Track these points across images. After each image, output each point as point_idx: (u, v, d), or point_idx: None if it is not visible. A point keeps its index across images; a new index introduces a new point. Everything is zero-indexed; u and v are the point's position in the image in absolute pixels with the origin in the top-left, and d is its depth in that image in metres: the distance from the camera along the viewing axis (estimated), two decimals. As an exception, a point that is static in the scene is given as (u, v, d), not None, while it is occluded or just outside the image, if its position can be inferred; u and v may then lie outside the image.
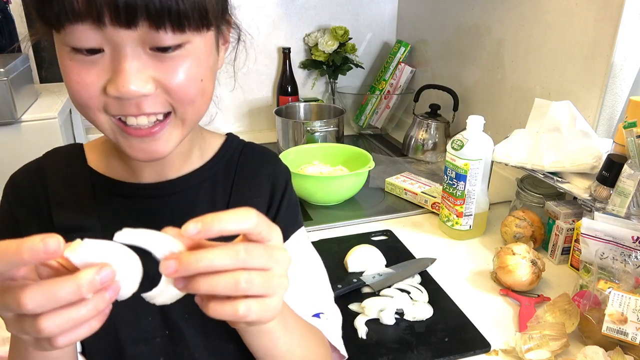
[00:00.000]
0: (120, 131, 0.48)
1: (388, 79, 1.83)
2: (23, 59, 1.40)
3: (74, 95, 0.46)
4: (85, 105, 0.46)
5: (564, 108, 1.03)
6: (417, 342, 0.76)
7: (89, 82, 0.45)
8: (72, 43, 0.43)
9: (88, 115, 0.48)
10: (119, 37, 0.43)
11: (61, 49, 0.45)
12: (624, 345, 0.70)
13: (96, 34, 0.42)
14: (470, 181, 1.01)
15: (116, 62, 0.44)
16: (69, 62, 0.45)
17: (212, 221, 0.35)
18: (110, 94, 0.44)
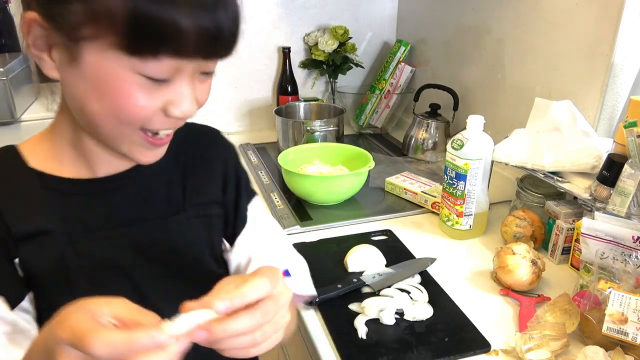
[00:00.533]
0: (142, 141, 0.51)
1: (388, 79, 1.83)
2: (22, 59, 1.40)
3: (123, 113, 0.48)
4: (132, 123, 0.49)
5: (564, 108, 1.03)
6: (417, 342, 0.76)
7: (149, 105, 0.48)
8: (151, 73, 0.46)
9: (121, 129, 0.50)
10: (188, 67, 0.48)
11: (128, 74, 0.46)
12: (625, 345, 0.70)
13: (173, 64, 0.46)
14: (470, 181, 1.01)
15: (178, 87, 0.48)
16: (134, 86, 0.47)
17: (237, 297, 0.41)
18: (174, 115, 0.49)
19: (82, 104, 0.49)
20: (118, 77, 0.46)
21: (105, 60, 0.45)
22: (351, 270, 0.93)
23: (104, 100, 0.47)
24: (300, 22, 1.81)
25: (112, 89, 0.47)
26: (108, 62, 0.45)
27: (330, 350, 0.76)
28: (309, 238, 1.07)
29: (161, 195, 0.59)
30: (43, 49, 0.48)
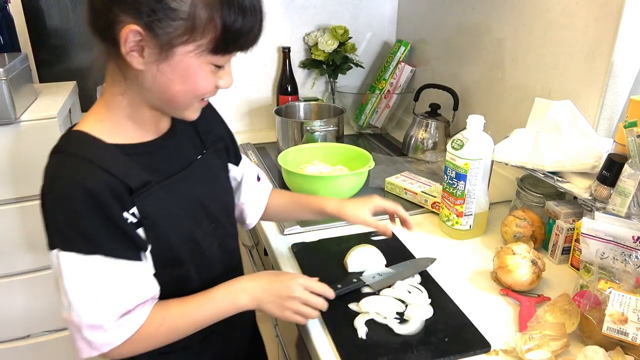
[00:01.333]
0: (197, 106, 0.73)
1: (388, 79, 1.83)
2: (22, 59, 1.40)
3: (199, 92, 0.68)
4: (201, 96, 0.70)
5: (564, 108, 1.03)
6: (417, 342, 0.76)
7: (212, 83, 0.69)
8: (219, 63, 0.67)
9: (190, 100, 0.70)
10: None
11: (201, 65, 0.66)
12: (625, 346, 0.70)
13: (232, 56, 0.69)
14: (471, 181, 1.01)
15: (227, 69, 0.70)
16: (209, 72, 0.67)
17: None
18: (223, 87, 0.71)
19: (167, 87, 0.66)
20: (199, 67, 0.66)
21: (192, 57, 0.64)
22: (351, 270, 0.93)
23: (187, 84, 0.66)
24: (300, 22, 1.81)
25: (194, 76, 0.66)
26: (194, 58, 0.65)
27: (330, 350, 0.76)
28: (309, 238, 1.07)
29: (190, 144, 0.80)
30: (136, 49, 0.63)
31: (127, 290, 0.67)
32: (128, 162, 0.68)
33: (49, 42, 1.72)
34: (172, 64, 0.64)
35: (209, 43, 0.64)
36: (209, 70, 0.67)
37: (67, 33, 1.73)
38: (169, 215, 0.72)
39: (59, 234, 0.65)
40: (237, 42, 0.65)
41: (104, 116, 0.70)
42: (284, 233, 1.10)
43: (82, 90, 1.74)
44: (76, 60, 1.77)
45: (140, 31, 0.61)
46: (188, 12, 0.61)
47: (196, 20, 0.61)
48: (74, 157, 0.66)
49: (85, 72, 1.79)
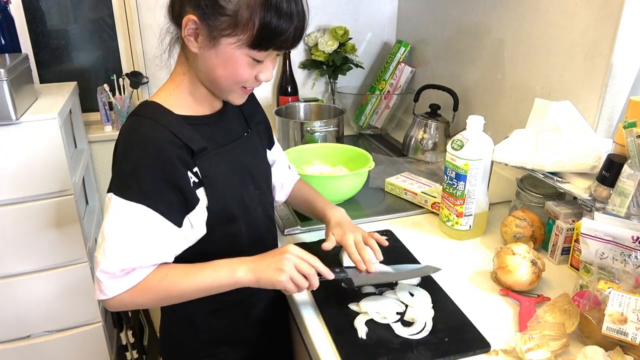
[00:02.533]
0: (239, 92, 0.83)
1: (388, 79, 1.83)
2: (23, 59, 1.40)
3: (239, 80, 0.79)
4: (238, 83, 0.80)
5: (564, 108, 1.03)
6: (417, 342, 0.76)
7: (251, 74, 0.79)
8: (257, 57, 0.77)
9: (230, 86, 0.81)
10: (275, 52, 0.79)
11: (239, 56, 0.76)
12: (624, 345, 0.70)
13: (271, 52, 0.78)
14: (470, 181, 1.01)
15: (268, 64, 0.80)
16: (247, 63, 0.77)
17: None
18: (261, 80, 0.81)
19: (212, 70, 0.78)
20: (239, 58, 0.76)
21: (233, 48, 0.75)
22: (345, 265, 0.93)
23: (227, 70, 0.77)
24: (300, 23, 1.81)
25: (234, 64, 0.77)
26: (235, 49, 0.75)
27: (331, 350, 0.76)
28: (309, 238, 1.07)
29: (238, 123, 0.92)
30: (192, 35, 0.76)
31: (154, 248, 0.75)
32: (191, 130, 0.79)
33: (49, 43, 1.72)
34: (217, 51, 0.76)
35: (248, 38, 0.74)
36: (246, 62, 0.77)
37: (67, 34, 1.74)
38: (224, 177, 0.83)
39: (119, 180, 0.75)
40: (272, 41, 0.75)
41: (172, 91, 0.83)
42: (285, 233, 1.10)
43: (83, 91, 1.74)
44: (76, 61, 1.78)
45: (196, 20, 0.74)
46: (233, 10, 0.72)
47: (239, 18, 0.72)
48: (149, 120, 0.78)
49: (85, 73, 1.79)
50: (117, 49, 1.78)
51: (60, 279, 1.47)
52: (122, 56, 1.80)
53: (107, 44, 1.79)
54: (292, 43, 0.77)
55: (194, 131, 0.80)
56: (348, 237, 0.90)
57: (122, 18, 1.74)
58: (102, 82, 1.74)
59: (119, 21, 1.75)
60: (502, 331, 0.79)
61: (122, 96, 1.73)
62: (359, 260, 0.87)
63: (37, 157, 1.32)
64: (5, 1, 1.53)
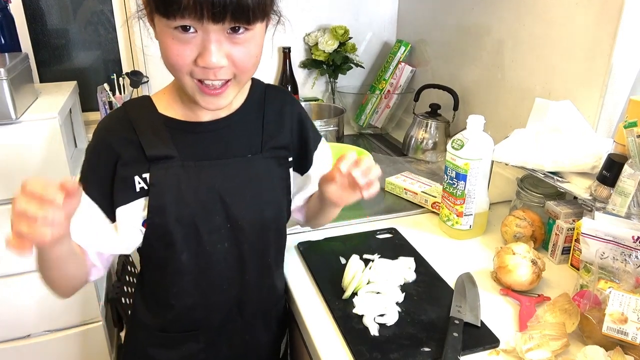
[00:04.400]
0: (199, 90, 0.68)
1: (388, 79, 1.83)
2: (23, 59, 1.40)
3: (172, 63, 0.65)
4: (179, 69, 0.65)
5: (564, 108, 1.03)
6: (427, 338, 0.76)
7: (184, 54, 0.64)
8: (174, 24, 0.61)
9: (178, 76, 0.67)
10: (209, 26, 0.61)
11: (165, 31, 0.63)
12: (624, 345, 0.70)
13: (194, 22, 0.61)
14: (471, 181, 1.01)
15: (205, 42, 0.63)
16: (172, 40, 0.63)
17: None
18: (200, 64, 0.64)
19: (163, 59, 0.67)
20: (163, 33, 0.64)
21: (158, 24, 0.64)
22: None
23: (163, 54, 0.66)
24: (300, 22, 1.81)
25: (162, 44, 0.65)
26: (159, 25, 0.64)
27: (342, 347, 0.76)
28: (314, 237, 1.07)
29: (244, 140, 0.79)
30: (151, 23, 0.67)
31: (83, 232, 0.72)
32: (162, 133, 0.73)
33: (49, 42, 1.72)
34: (157, 34, 0.66)
35: (156, 7, 0.61)
36: (170, 38, 0.63)
37: (67, 33, 1.74)
38: (177, 193, 0.73)
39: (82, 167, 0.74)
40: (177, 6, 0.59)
41: (166, 89, 0.77)
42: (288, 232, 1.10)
43: (83, 90, 1.74)
44: (76, 60, 1.78)
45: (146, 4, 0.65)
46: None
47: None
48: (121, 111, 0.75)
49: (85, 72, 1.79)
50: (117, 48, 1.78)
51: (60, 278, 1.47)
52: (122, 55, 1.80)
53: (107, 43, 1.79)
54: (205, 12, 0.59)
55: (165, 135, 0.73)
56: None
57: (122, 16, 1.74)
58: (102, 82, 1.74)
59: (119, 20, 1.75)
60: (502, 331, 0.79)
61: (122, 95, 1.73)
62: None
63: (37, 157, 1.32)
64: (5, 1, 1.52)
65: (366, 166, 0.79)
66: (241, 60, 0.66)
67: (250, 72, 0.70)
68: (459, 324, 0.78)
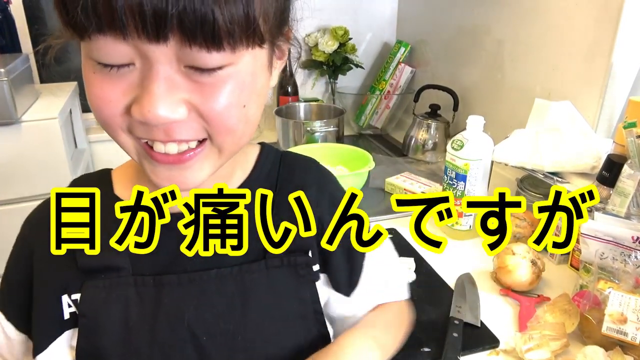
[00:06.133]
0: (146, 155, 0.42)
1: (388, 79, 1.83)
2: (23, 59, 1.40)
3: (96, 112, 0.41)
4: (107, 123, 0.41)
5: (564, 108, 1.03)
6: (428, 338, 0.76)
7: (112, 98, 0.39)
8: (96, 56, 0.38)
9: (110, 134, 0.43)
10: (149, 51, 0.36)
11: (86, 59, 0.40)
12: (624, 345, 0.70)
13: (123, 45, 0.36)
14: (470, 181, 1.01)
15: (145, 80, 0.38)
16: (93, 74, 0.39)
17: None
18: (135, 117, 0.38)
19: None
20: (85, 65, 0.40)
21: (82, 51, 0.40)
22: None
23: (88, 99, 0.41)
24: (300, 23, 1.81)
25: (85, 82, 0.41)
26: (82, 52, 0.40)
27: None
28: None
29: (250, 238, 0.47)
30: None
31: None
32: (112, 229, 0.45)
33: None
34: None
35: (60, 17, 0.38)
36: (91, 72, 0.40)
37: (67, 34, 1.74)
38: (122, 330, 0.47)
39: None
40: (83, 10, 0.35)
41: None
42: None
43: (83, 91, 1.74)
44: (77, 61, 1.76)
45: None
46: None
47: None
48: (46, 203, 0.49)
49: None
50: (118, 49, 1.78)
51: (61, 279, 1.47)
52: (123, 56, 1.79)
53: (107, 44, 1.79)
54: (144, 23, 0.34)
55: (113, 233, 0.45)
56: None
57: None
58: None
59: (119, 21, 1.75)
60: (502, 331, 0.79)
61: (123, 96, 1.73)
62: None
63: (37, 157, 1.32)
64: (5, 1, 1.53)
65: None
66: (216, 111, 0.40)
67: (237, 132, 0.42)
68: (459, 324, 0.78)
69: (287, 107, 1.71)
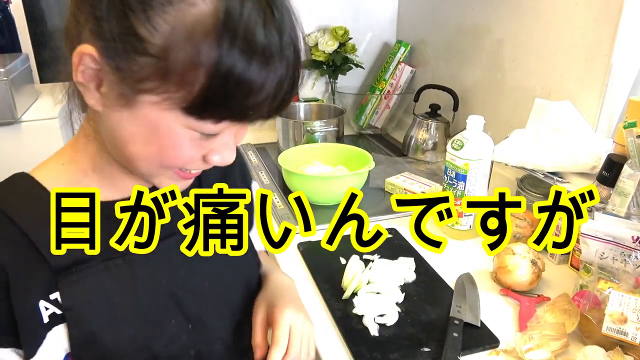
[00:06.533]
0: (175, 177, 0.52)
1: (388, 79, 1.83)
2: (23, 59, 1.40)
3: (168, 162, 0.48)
4: (172, 167, 0.50)
5: (564, 108, 1.03)
6: (427, 338, 0.76)
7: (195, 155, 0.49)
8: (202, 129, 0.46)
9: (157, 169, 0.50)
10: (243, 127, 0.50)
11: (180, 127, 0.45)
12: (624, 345, 0.70)
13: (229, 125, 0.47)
14: (470, 181, 1.01)
15: (225, 139, 0.49)
16: (185, 140, 0.46)
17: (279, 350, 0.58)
18: (214, 163, 0.50)
19: (124, 143, 0.47)
20: (171, 130, 0.45)
21: (161, 112, 0.44)
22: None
23: (151, 146, 0.47)
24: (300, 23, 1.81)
25: (162, 139, 0.46)
26: (164, 114, 0.44)
27: (342, 347, 0.76)
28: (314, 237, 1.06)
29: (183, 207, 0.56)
30: (92, 80, 0.45)
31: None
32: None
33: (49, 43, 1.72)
34: (135, 114, 0.45)
35: (186, 98, 0.42)
36: (187, 138, 0.46)
37: (67, 34, 1.74)
38: (110, 311, 0.52)
39: None
40: (234, 105, 0.43)
41: (67, 160, 0.55)
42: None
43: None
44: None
45: (95, 56, 0.42)
46: (160, 48, 0.40)
47: (170, 61, 0.41)
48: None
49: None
50: (117, 49, 1.78)
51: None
52: (122, 56, 1.79)
53: (107, 44, 1.79)
54: (274, 108, 0.45)
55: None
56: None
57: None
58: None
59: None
60: (502, 331, 0.79)
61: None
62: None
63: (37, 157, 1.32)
64: (5, 1, 1.53)
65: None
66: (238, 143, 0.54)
67: None
68: (459, 324, 0.78)
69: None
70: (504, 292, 0.89)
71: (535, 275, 0.87)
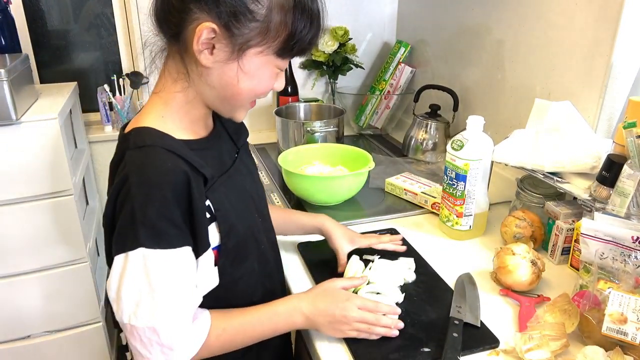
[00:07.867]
0: (248, 107, 0.74)
1: (388, 79, 1.83)
2: (23, 59, 1.40)
3: (260, 91, 0.71)
4: (259, 95, 0.72)
5: (564, 108, 1.03)
6: (427, 338, 0.76)
7: (271, 85, 0.71)
8: (281, 65, 0.70)
9: (249, 99, 0.72)
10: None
11: (267, 68, 0.69)
12: (624, 345, 0.70)
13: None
14: (470, 181, 1.01)
15: (281, 74, 0.73)
16: (271, 74, 0.70)
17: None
18: (277, 89, 0.74)
19: (232, 85, 0.68)
20: (265, 68, 0.68)
21: (259, 58, 0.67)
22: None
23: (252, 82, 0.68)
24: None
25: (259, 76, 0.69)
26: (261, 59, 0.67)
27: (342, 347, 0.76)
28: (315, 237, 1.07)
29: (228, 144, 0.82)
30: (207, 47, 0.64)
31: (199, 285, 0.69)
32: (197, 157, 0.68)
33: (49, 43, 1.72)
34: (242, 63, 0.66)
35: (277, 45, 0.66)
36: (273, 72, 0.70)
37: (67, 34, 1.74)
38: (233, 208, 0.73)
39: (150, 230, 0.62)
40: (301, 47, 0.68)
41: (164, 112, 0.70)
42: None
43: (83, 91, 1.74)
44: (77, 61, 1.78)
45: (216, 29, 0.63)
46: (264, 15, 0.63)
47: (271, 23, 0.64)
48: (157, 149, 0.65)
49: (85, 73, 1.79)
50: (118, 49, 1.79)
51: (60, 279, 1.47)
52: (123, 56, 1.80)
53: (107, 44, 1.79)
54: (311, 47, 0.71)
55: (199, 158, 0.68)
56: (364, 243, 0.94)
57: (123, 18, 1.74)
58: (103, 83, 1.74)
59: (120, 21, 1.75)
60: (502, 331, 0.79)
61: (123, 96, 1.73)
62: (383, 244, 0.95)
63: (37, 157, 1.32)
64: (5, 1, 1.53)
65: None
66: None
67: None
68: (459, 324, 0.78)
69: (287, 107, 1.71)
70: (503, 292, 0.89)
71: (535, 276, 0.87)
